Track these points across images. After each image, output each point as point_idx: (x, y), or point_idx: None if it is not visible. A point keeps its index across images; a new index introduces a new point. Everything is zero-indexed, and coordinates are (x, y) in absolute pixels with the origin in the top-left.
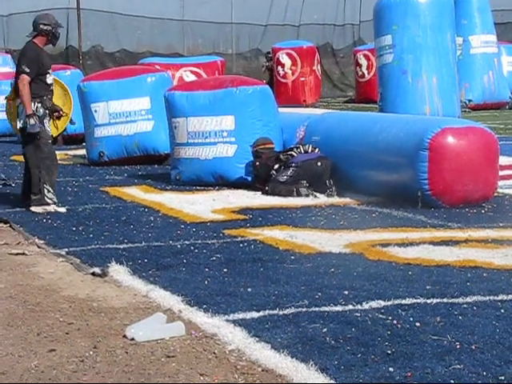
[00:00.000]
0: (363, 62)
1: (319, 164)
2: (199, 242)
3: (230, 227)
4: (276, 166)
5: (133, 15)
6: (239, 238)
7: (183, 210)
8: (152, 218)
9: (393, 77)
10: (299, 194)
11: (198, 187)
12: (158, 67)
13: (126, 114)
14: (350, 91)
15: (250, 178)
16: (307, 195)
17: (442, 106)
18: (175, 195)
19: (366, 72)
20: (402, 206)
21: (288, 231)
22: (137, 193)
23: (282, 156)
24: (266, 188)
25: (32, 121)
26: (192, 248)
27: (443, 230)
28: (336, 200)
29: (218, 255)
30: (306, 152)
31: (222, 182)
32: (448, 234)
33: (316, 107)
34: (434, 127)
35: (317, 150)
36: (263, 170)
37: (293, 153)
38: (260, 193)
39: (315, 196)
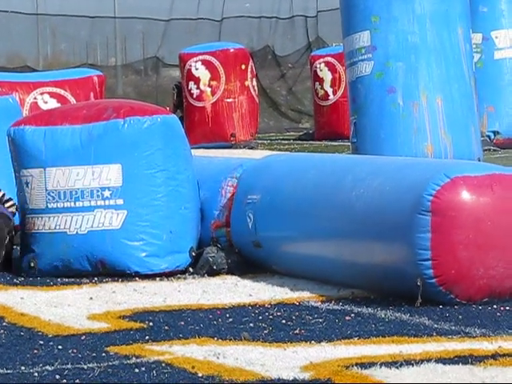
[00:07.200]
0: (325, 74)
1: None
2: (69, 366)
3: (119, 342)
4: None
5: None
6: (133, 360)
7: (41, 317)
8: None
9: (373, 98)
10: None
11: (64, 279)
12: None
13: None
14: (305, 121)
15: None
16: None
17: (451, 143)
18: (28, 292)
19: (330, 90)
20: (393, 302)
21: (212, 346)
22: None
23: None
24: None
25: None
26: (57, 377)
27: (458, 339)
28: (287, 296)
29: None
30: None
31: (104, 271)
32: (466, 346)
33: (252, 147)
34: (440, 177)
35: (11, 202)
36: None
37: None
38: (165, 285)
39: None
